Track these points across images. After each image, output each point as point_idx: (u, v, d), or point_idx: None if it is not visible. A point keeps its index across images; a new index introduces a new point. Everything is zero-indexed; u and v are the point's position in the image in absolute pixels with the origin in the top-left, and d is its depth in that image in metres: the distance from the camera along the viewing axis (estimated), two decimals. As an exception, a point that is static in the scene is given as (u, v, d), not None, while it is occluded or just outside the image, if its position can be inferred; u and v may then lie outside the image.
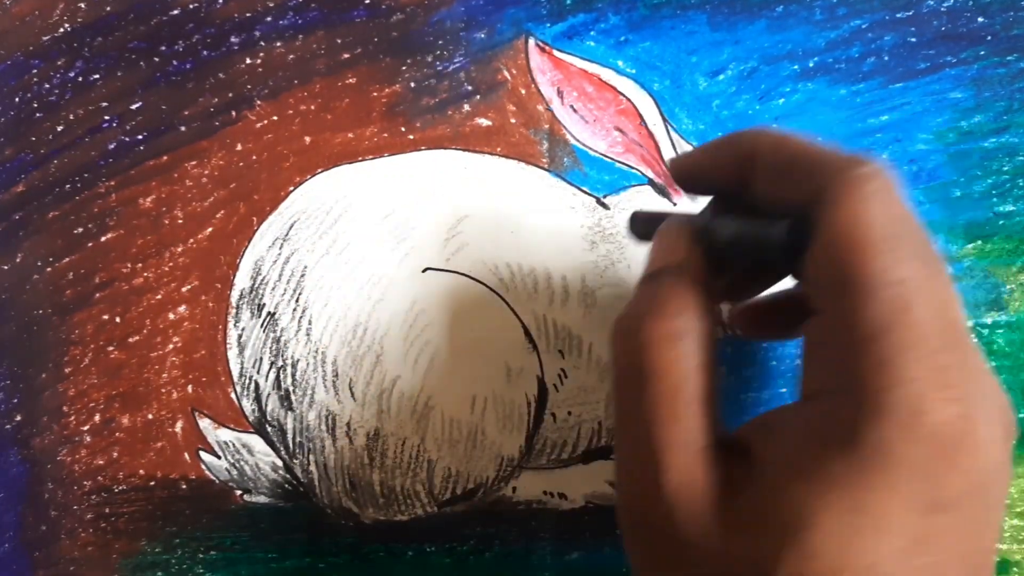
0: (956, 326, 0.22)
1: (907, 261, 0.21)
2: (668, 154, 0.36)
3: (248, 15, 0.37)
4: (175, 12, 0.38)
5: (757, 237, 0.26)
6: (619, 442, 0.26)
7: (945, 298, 0.22)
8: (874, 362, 0.20)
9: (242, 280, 0.37)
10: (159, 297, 0.37)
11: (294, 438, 0.37)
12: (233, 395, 0.37)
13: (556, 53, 0.37)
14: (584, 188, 0.36)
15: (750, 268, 0.30)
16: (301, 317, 0.36)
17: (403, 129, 0.37)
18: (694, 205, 0.36)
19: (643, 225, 0.30)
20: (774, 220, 0.25)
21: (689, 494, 0.23)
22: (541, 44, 0.37)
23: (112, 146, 0.38)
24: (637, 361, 0.24)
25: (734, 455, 0.24)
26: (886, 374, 0.20)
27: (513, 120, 0.37)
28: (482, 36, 0.37)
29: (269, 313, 0.37)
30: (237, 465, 0.37)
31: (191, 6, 0.38)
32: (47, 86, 0.38)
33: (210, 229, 0.37)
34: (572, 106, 0.36)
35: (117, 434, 0.37)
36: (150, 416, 0.37)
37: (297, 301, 0.36)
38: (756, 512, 0.22)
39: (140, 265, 0.38)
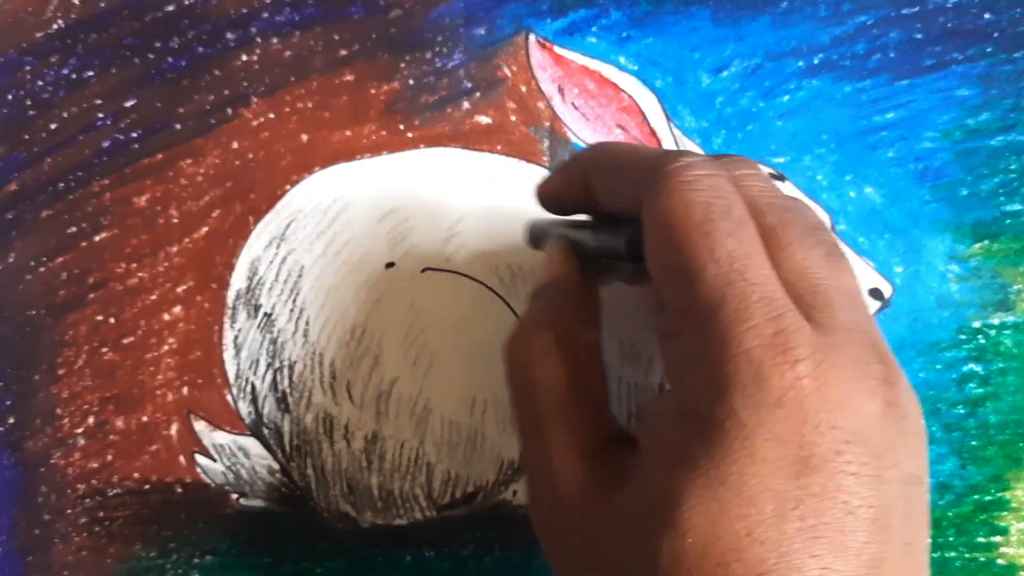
0: (793, 288, 0.22)
1: (724, 238, 0.22)
2: None
3: (244, 11, 0.37)
4: (170, 8, 0.37)
5: (609, 246, 0.27)
6: (521, 455, 0.27)
7: (772, 265, 0.22)
8: (712, 340, 0.21)
9: (238, 280, 0.37)
10: (154, 298, 0.37)
11: (291, 441, 0.36)
12: (229, 397, 0.37)
13: (557, 49, 0.36)
14: None
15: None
16: (298, 318, 0.36)
17: (402, 127, 0.37)
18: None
19: (535, 238, 0.32)
20: (616, 229, 0.27)
21: (579, 494, 0.24)
22: (542, 40, 0.36)
23: (106, 144, 0.37)
24: (525, 373, 0.26)
25: (625, 450, 0.24)
26: (723, 348, 0.21)
27: (513, 118, 0.37)
28: (482, 32, 0.37)
29: (266, 314, 0.36)
30: (233, 468, 0.37)
31: (186, 2, 0.37)
32: (40, 83, 0.38)
33: (206, 228, 0.37)
34: (573, 103, 0.36)
35: (111, 437, 0.37)
36: (145, 419, 0.37)
37: (294, 302, 0.36)
38: (637, 502, 0.22)
39: (135, 265, 0.37)
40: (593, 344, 0.27)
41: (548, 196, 0.31)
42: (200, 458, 0.37)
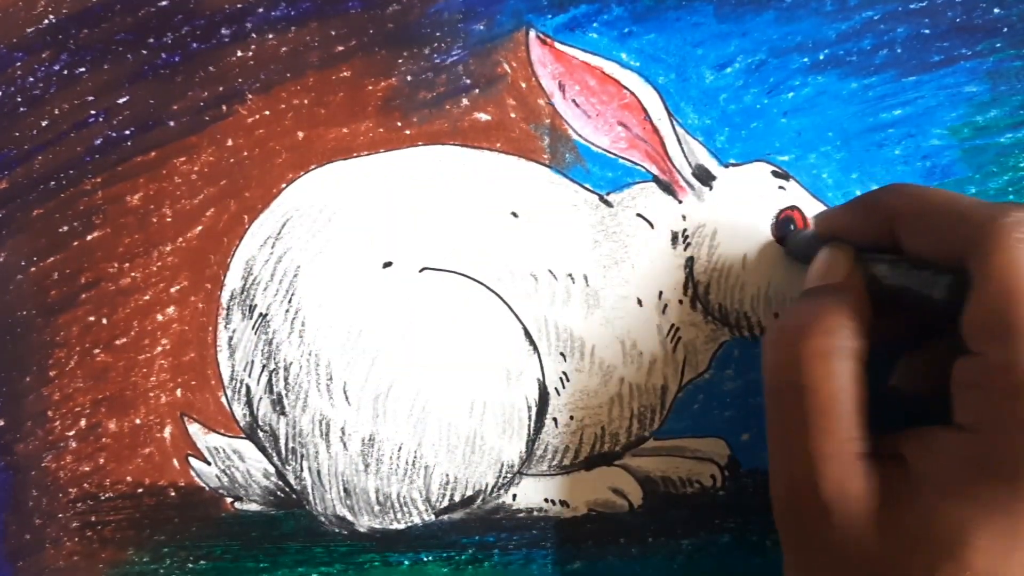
0: None
1: None
2: (673, 150, 0.35)
3: (239, 6, 0.37)
4: (163, 3, 0.37)
5: (919, 289, 0.28)
6: (774, 450, 0.28)
7: None
8: None
9: (233, 280, 0.37)
10: (147, 298, 0.37)
11: (287, 444, 0.36)
12: (224, 399, 0.37)
13: (558, 45, 0.36)
14: (587, 185, 0.36)
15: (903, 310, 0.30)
16: (294, 318, 0.36)
17: (399, 124, 0.36)
18: (700, 204, 0.35)
19: (803, 245, 0.33)
20: (935, 274, 0.27)
21: (846, 502, 0.26)
22: (542, 36, 0.36)
23: (98, 141, 0.37)
24: (793, 374, 0.27)
25: (888, 464, 0.26)
26: None
27: (513, 115, 0.36)
28: (481, 28, 0.36)
29: (261, 314, 0.36)
30: (228, 472, 0.37)
31: (180, -3, 0.37)
32: (31, 79, 0.37)
33: (200, 227, 0.37)
34: (574, 100, 0.36)
35: (103, 440, 0.37)
36: (138, 421, 0.37)
37: (290, 302, 0.36)
38: (913, 524, 0.25)
39: (127, 265, 0.37)
40: (865, 356, 0.28)
41: (832, 229, 0.32)
42: (194, 461, 0.37)
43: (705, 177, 0.35)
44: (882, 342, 0.29)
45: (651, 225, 0.36)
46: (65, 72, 0.37)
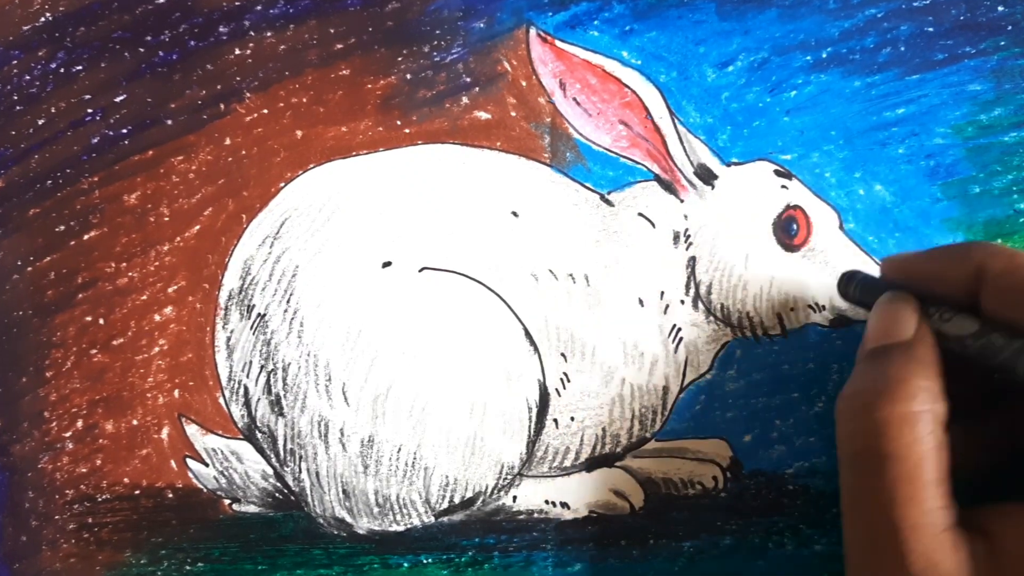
0: None
1: None
2: (675, 148, 0.35)
3: (237, 4, 0.37)
4: (161, 1, 0.37)
5: (996, 355, 0.26)
6: (853, 522, 0.27)
7: None
8: None
9: (231, 280, 0.37)
10: (144, 298, 0.37)
11: (285, 445, 0.36)
12: (221, 400, 0.37)
13: (558, 43, 0.36)
14: (587, 184, 0.36)
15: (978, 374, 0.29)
16: (292, 319, 0.36)
17: (399, 123, 0.36)
18: (702, 203, 0.35)
19: (860, 290, 0.32)
20: (1015, 341, 0.26)
21: (930, 571, 0.25)
22: (543, 34, 0.36)
23: (95, 140, 0.37)
24: (873, 442, 0.26)
25: (974, 539, 0.25)
26: None
27: (513, 113, 0.36)
28: (481, 25, 0.36)
29: (259, 314, 0.36)
30: (226, 473, 0.37)
31: (178, -6, 0.37)
32: (27, 78, 0.37)
33: (197, 227, 0.37)
34: (575, 99, 0.36)
35: (100, 441, 0.37)
36: (135, 422, 0.37)
37: (288, 302, 0.36)
38: None
39: (124, 264, 0.37)
40: (945, 419, 0.27)
41: (907, 274, 0.30)
42: (192, 462, 0.37)
43: (707, 176, 0.35)
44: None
45: (652, 224, 0.35)
46: (62, 70, 0.37)
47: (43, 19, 0.37)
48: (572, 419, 0.36)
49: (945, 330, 0.28)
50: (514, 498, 0.36)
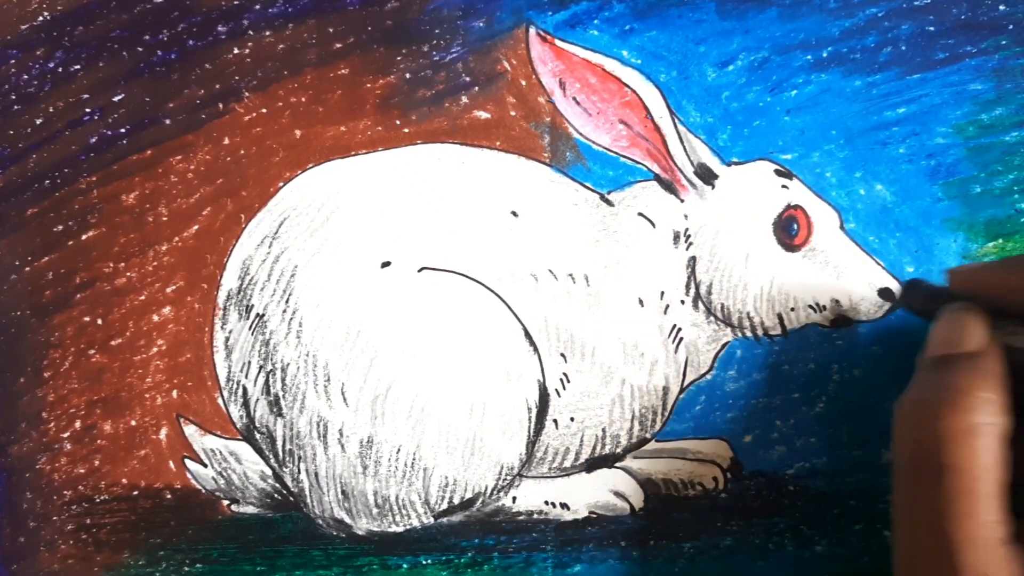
0: None
1: None
2: (675, 148, 0.35)
3: (236, 3, 0.37)
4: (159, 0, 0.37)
5: None
6: (905, 531, 0.27)
7: None
8: None
9: (229, 280, 0.37)
10: (143, 298, 0.37)
11: (284, 445, 0.36)
12: (220, 400, 0.37)
13: (558, 42, 0.36)
14: (587, 184, 0.36)
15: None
16: (291, 319, 0.35)
17: (398, 122, 0.36)
18: (702, 203, 0.35)
19: (923, 299, 0.32)
20: None
21: None
22: (542, 33, 0.36)
23: (93, 140, 0.37)
24: (934, 452, 0.26)
25: None
26: None
27: (513, 113, 0.36)
28: (481, 25, 0.36)
29: (258, 315, 0.36)
30: (224, 474, 0.37)
31: (176, -6, 0.37)
32: (25, 77, 0.37)
33: (196, 227, 0.37)
34: (575, 98, 0.36)
35: (99, 441, 0.37)
36: (133, 422, 0.37)
37: (287, 302, 0.36)
38: None
39: (123, 264, 0.37)
40: (1006, 432, 0.26)
41: (976, 286, 0.30)
42: (190, 463, 0.37)
43: (707, 176, 0.35)
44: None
45: (652, 224, 0.35)
46: (60, 70, 0.37)
47: (41, 18, 0.37)
48: (572, 420, 0.36)
49: (1013, 343, 0.28)
50: (514, 499, 0.36)
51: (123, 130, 0.37)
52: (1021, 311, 0.29)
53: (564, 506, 0.36)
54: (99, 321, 0.37)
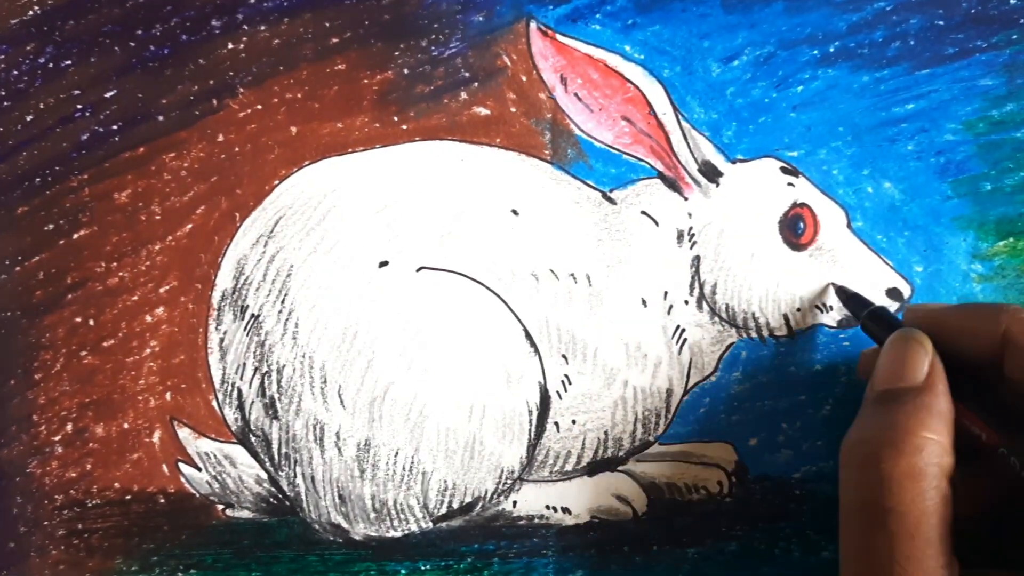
0: None
1: None
2: (679, 145, 0.35)
3: (230, -3, 0.36)
4: (152, -7, 0.37)
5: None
6: (850, 573, 0.27)
7: None
8: None
9: (224, 280, 0.36)
10: (135, 298, 0.37)
11: (279, 449, 0.36)
12: (214, 403, 0.37)
13: (559, 37, 0.36)
14: (589, 182, 0.36)
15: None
16: (287, 320, 0.35)
17: (396, 119, 0.36)
18: (707, 201, 0.35)
19: (873, 322, 0.32)
20: None
21: None
22: (543, 27, 0.36)
23: (85, 137, 0.37)
24: (876, 495, 0.26)
25: None
26: None
27: (513, 109, 0.36)
28: (480, 19, 0.36)
29: (253, 315, 0.36)
30: (219, 478, 0.37)
31: (169, -13, 0.37)
32: (15, 72, 0.37)
33: (190, 226, 0.37)
34: (576, 94, 0.36)
35: (91, 445, 0.37)
36: (126, 425, 0.37)
37: (283, 302, 0.35)
38: None
39: (115, 264, 0.37)
40: (951, 473, 0.26)
41: (930, 326, 0.30)
42: (184, 467, 0.37)
43: (712, 173, 0.35)
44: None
45: (656, 223, 0.35)
46: (50, 65, 0.37)
47: (31, 12, 0.37)
48: (573, 422, 0.35)
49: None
50: (514, 503, 0.36)
51: (115, 127, 0.37)
52: (973, 355, 0.29)
53: (565, 510, 0.36)
54: (91, 322, 0.37)
